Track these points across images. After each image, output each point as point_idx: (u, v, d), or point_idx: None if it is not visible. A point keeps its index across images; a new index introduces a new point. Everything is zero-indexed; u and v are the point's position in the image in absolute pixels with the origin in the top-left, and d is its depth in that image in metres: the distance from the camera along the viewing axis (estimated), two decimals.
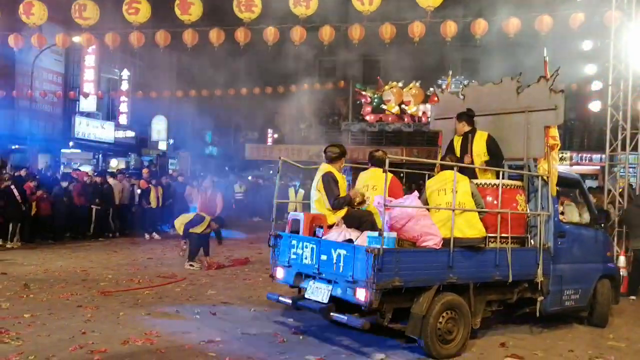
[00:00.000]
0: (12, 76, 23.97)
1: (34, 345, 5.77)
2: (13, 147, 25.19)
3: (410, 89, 27.02)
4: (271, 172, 24.06)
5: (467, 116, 7.30)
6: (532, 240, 6.82)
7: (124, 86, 30.52)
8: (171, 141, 35.51)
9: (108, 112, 30.81)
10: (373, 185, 6.67)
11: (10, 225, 13.18)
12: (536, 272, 6.63)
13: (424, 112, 26.48)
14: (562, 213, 7.41)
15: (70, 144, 27.06)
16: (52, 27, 17.72)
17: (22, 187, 13.46)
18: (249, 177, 29.63)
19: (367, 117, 27.56)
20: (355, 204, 6.44)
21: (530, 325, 7.22)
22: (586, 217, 7.81)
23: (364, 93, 27.86)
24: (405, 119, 27.07)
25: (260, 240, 15.01)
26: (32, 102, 23.77)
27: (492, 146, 7.05)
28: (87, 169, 22.76)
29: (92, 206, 15.17)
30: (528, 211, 6.85)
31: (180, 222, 11.27)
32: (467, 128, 7.26)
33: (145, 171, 17.79)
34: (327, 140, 27.65)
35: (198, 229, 11.15)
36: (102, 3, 13.55)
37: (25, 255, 11.93)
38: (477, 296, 6.25)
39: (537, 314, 6.84)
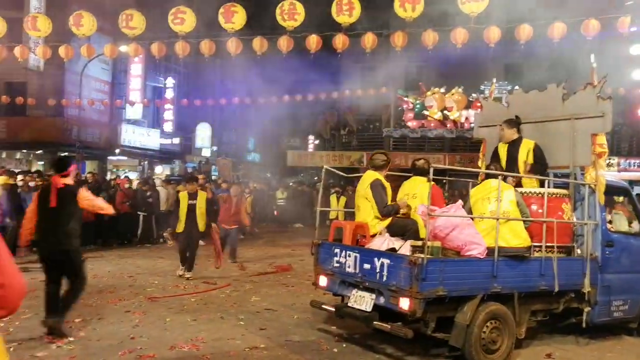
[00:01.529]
0: (61, 85, 24.83)
1: (85, 350, 5.99)
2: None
3: (453, 94, 26.80)
4: (315, 178, 24.16)
5: (517, 123, 7.20)
6: (578, 250, 6.70)
7: (169, 94, 31.21)
8: (215, 148, 36.10)
9: (153, 119, 31.55)
10: (413, 193, 6.67)
11: None
12: (583, 282, 6.50)
13: (466, 118, 26.23)
14: (610, 222, 7.24)
15: (117, 151, 27.79)
16: (100, 37, 18.28)
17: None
18: (290, 183, 29.88)
19: (409, 123, 27.42)
20: (402, 212, 6.45)
21: (577, 336, 7.07)
22: (635, 226, 7.60)
23: (405, 99, 27.74)
24: (448, 125, 26.83)
25: (302, 247, 15.13)
26: (81, 110, 24.53)
27: (538, 155, 6.95)
28: (133, 175, 23.38)
29: (139, 212, 15.55)
30: (574, 220, 6.73)
31: None
32: (516, 135, 7.14)
33: (202, 177, 17.98)
34: (368, 146, 27.70)
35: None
36: (148, 13, 13.90)
37: None
38: (522, 306, 6.17)
39: (584, 325, 6.69)
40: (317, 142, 37.03)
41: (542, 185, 6.64)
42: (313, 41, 13.22)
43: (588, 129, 6.76)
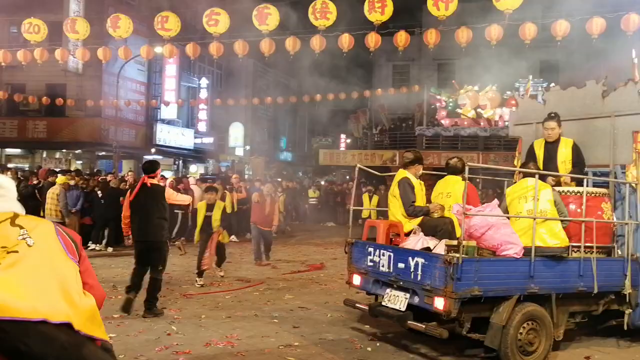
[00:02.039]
0: (99, 86, 25.38)
1: (123, 345, 6.10)
2: (100, 153, 26.67)
3: (487, 92, 26.42)
4: (347, 177, 24.28)
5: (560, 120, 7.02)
6: (619, 250, 6.54)
7: (203, 94, 31.57)
8: (247, 147, 36.40)
9: (188, 119, 31.97)
10: (448, 192, 6.62)
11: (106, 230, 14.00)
12: (624, 283, 6.34)
13: (500, 116, 25.82)
14: None
15: (152, 150, 28.26)
16: (136, 38, 18.62)
17: (108, 192, 14.27)
18: (322, 182, 29.93)
19: (442, 122, 27.15)
20: (434, 217, 6.39)
21: (617, 338, 6.87)
22: None
23: (438, 97, 27.48)
24: (482, 123, 26.47)
25: (334, 245, 15.16)
26: (118, 110, 25.02)
27: (577, 154, 6.81)
28: (168, 174, 23.73)
29: (176, 211, 15.79)
30: (614, 220, 6.57)
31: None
32: (558, 131, 6.95)
33: (235, 177, 18.02)
34: (400, 145, 27.55)
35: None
36: (182, 14, 14.11)
37: (112, 258, 12.60)
38: (560, 307, 6.05)
39: (625, 327, 6.53)
40: (348, 140, 36.98)
41: (580, 184, 6.50)
42: (345, 40, 13.22)
43: (629, 126, 6.60)
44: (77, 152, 26.53)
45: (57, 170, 17.41)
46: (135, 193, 7.52)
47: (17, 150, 26.78)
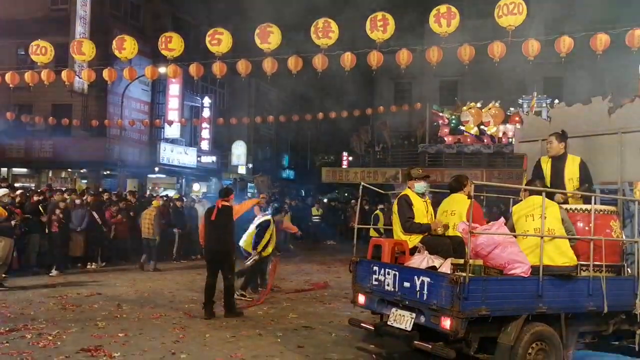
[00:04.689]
0: (104, 106, 25.54)
1: None
2: (105, 172, 26.71)
3: (490, 109, 26.39)
4: (351, 194, 24.19)
5: (565, 137, 6.91)
6: (629, 269, 6.44)
7: (206, 113, 31.66)
8: (250, 165, 36.40)
9: (191, 138, 32.04)
10: (452, 210, 6.58)
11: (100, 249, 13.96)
12: (634, 302, 6.23)
13: (504, 133, 25.78)
14: None
15: (156, 169, 28.29)
16: (140, 59, 18.73)
17: (103, 211, 14.31)
18: (325, 200, 29.84)
19: (445, 139, 27.13)
20: (438, 232, 6.34)
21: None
22: None
23: (441, 114, 27.48)
24: (485, 140, 26.43)
25: (337, 264, 15.08)
26: (122, 130, 25.12)
27: (584, 171, 6.74)
28: (171, 193, 23.70)
29: (174, 230, 15.76)
30: (624, 238, 6.49)
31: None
32: (562, 150, 6.87)
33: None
34: (403, 162, 27.50)
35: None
36: (186, 35, 14.18)
37: (116, 277, 12.54)
38: (569, 327, 5.94)
39: (637, 348, 6.39)
40: (351, 158, 36.94)
41: (588, 201, 6.42)
42: (347, 59, 13.23)
43: (637, 143, 6.55)
44: (82, 171, 26.61)
45: (64, 189, 17.47)
46: (209, 213, 8.83)
47: (24, 170, 26.90)
